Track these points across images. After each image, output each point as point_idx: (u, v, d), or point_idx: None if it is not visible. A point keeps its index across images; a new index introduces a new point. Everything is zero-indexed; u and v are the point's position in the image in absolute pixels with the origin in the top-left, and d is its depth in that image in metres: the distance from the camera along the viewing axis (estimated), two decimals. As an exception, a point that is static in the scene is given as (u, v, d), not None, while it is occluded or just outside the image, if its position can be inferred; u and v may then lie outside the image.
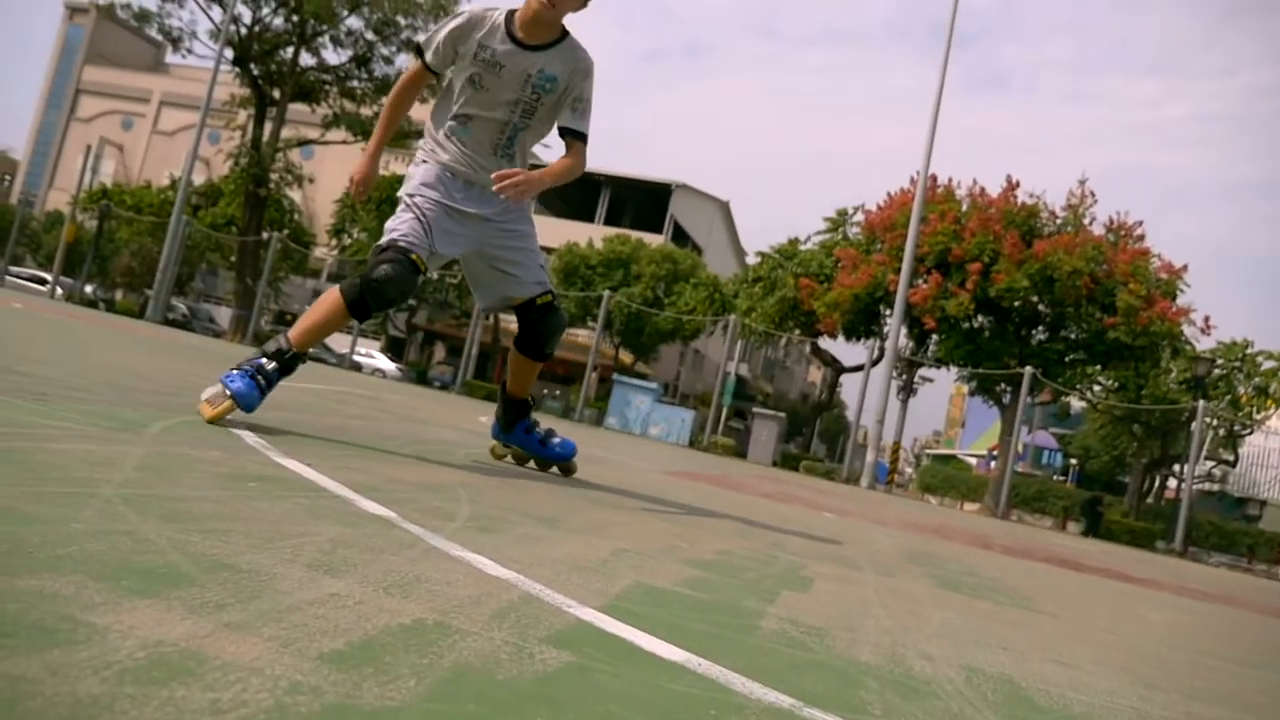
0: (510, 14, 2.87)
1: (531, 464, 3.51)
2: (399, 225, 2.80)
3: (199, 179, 37.25)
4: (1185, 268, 21.23)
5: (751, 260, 29.14)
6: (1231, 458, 28.79)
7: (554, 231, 38.46)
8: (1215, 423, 25.33)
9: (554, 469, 3.49)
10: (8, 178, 66.79)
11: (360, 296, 2.70)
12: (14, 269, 34.36)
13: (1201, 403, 17.83)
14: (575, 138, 2.92)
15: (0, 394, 2.29)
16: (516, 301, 3.11)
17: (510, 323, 38.13)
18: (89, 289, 31.16)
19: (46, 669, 0.68)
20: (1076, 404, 30.97)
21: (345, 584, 1.12)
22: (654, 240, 35.95)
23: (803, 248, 26.25)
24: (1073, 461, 39.51)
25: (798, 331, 25.54)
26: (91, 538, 1.08)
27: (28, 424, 1.92)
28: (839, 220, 26.03)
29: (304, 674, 0.79)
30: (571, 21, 2.93)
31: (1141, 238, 21.71)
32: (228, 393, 2.59)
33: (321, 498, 1.77)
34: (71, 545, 1.02)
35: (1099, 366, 22.53)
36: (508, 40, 2.83)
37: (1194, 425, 18.61)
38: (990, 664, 1.55)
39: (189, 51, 28.43)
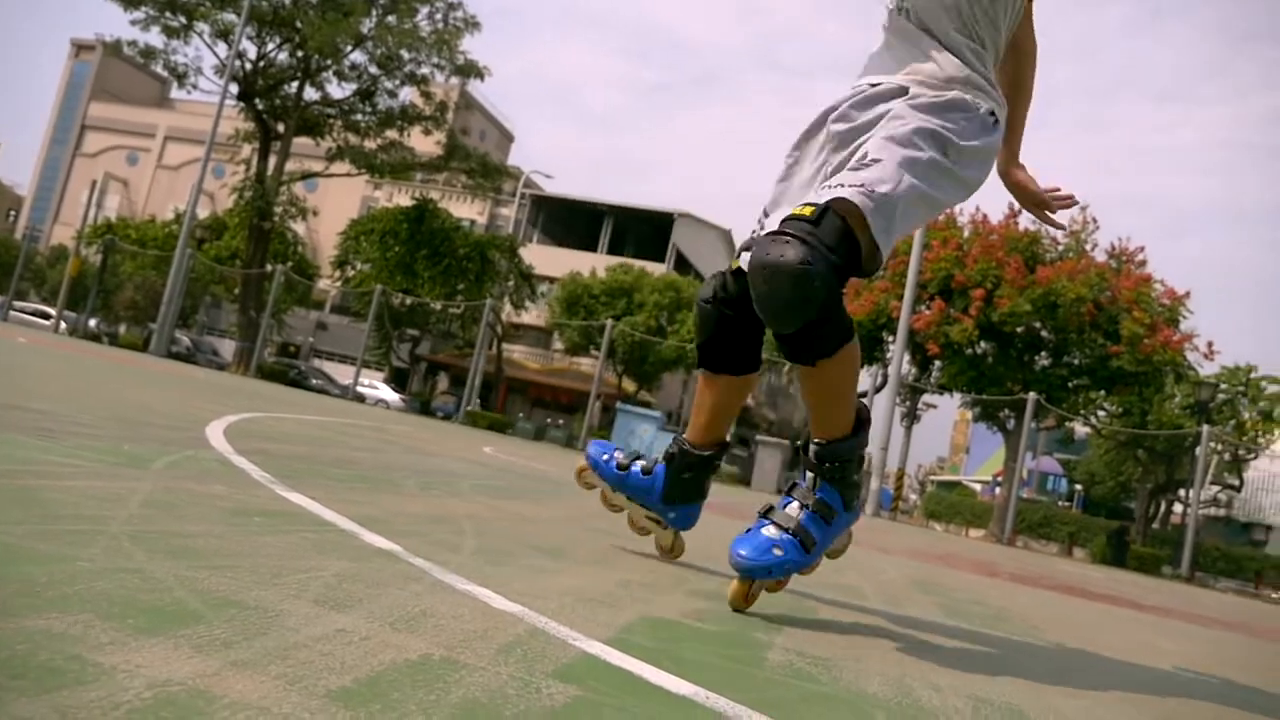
0: None
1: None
2: None
3: (203, 213, 37.50)
4: (1188, 294, 21.25)
5: (753, 288, 29.16)
6: (1237, 483, 28.63)
7: (557, 261, 38.66)
8: (1220, 448, 25.23)
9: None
10: (13, 213, 67.29)
11: None
12: (18, 303, 34.50)
13: (1206, 428, 17.78)
14: None
15: (6, 431, 2.30)
16: None
17: (511, 351, 38.27)
18: (93, 323, 31.27)
19: (55, 710, 0.68)
20: (1081, 430, 30.86)
21: (352, 619, 1.12)
22: (657, 269, 36.13)
23: (804, 275, 26.28)
24: (1078, 487, 39.31)
25: (800, 359, 25.50)
26: (99, 576, 1.08)
27: (34, 461, 1.93)
28: (840, 248, 26.10)
29: (311, 712, 0.78)
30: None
31: (1143, 263, 21.76)
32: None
33: (327, 532, 1.77)
34: (79, 584, 1.03)
35: (1103, 392, 22.47)
36: None
37: (1198, 450, 18.54)
38: (999, 694, 1.54)
39: (194, 87, 28.84)
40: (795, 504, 1.88)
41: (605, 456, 2.29)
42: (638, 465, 2.27)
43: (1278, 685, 2.96)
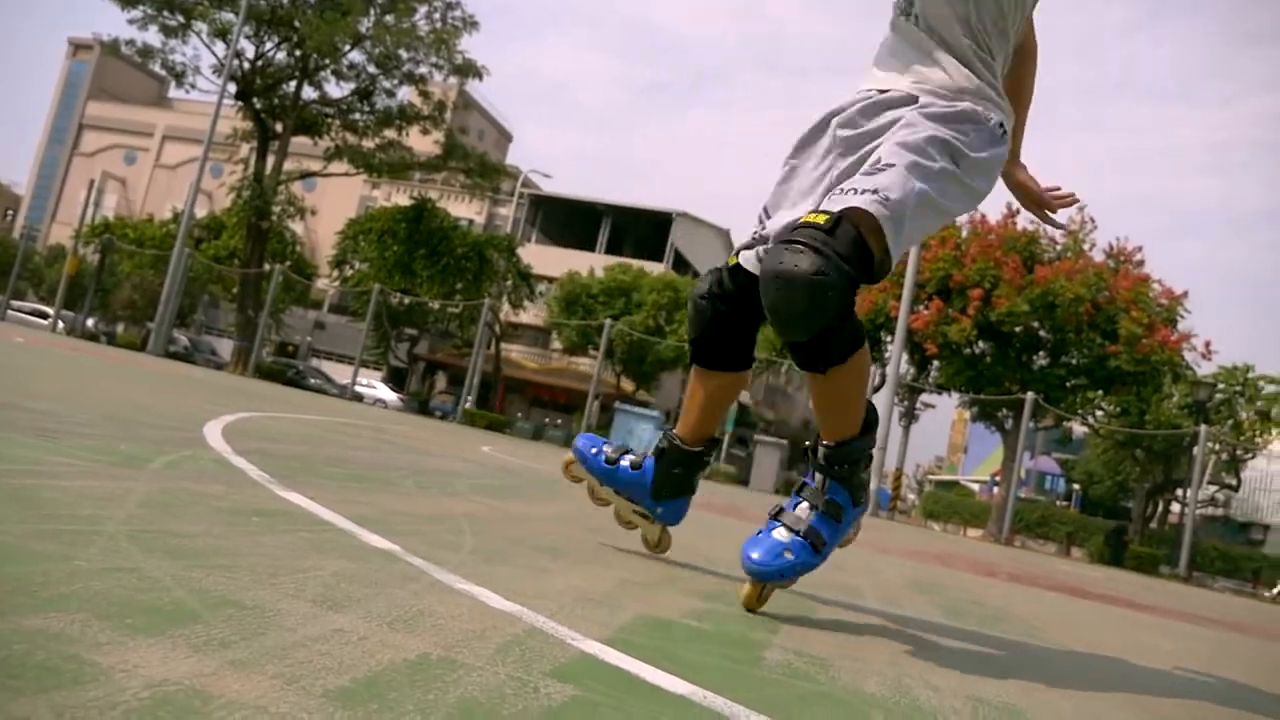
0: None
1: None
2: None
3: (201, 212, 37.48)
4: (1185, 294, 21.29)
5: (752, 288, 29.19)
6: (1234, 482, 28.71)
7: (555, 260, 38.65)
8: (1217, 447, 25.29)
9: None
10: (10, 212, 67.21)
11: None
12: (16, 303, 34.47)
13: (1203, 427, 17.81)
14: None
15: (4, 430, 2.29)
16: None
17: (510, 351, 38.26)
18: (90, 322, 31.24)
19: (53, 710, 0.68)
20: (1079, 429, 30.92)
21: (349, 619, 1.12)
22: (655, 269, 36.14)
23: (802, 275, 26.32)
24: (1075, 487, 39.38)
25: (799, 358, 25.53)
26: (96, 575, 1.08)
27: (32, 460, 1.93)
28: (838, 248, 26.10)
29: (309, 712, 0.78)
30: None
31: (1141, 263, 21.80)
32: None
33: (325, 531, 1.77)
34: (76, 583, 1.02)
35: (1101, 391, 22.52)
36: None
37: (1196, 450, 18.56)
38: (996, 694, 1.54)
39: (192, 86, 28.80)
40: (805, 505, 1.88)
41: (594, 450, 2.31)
42: (626, 460, 2.29)
43: (1274, 686, 2.96)
